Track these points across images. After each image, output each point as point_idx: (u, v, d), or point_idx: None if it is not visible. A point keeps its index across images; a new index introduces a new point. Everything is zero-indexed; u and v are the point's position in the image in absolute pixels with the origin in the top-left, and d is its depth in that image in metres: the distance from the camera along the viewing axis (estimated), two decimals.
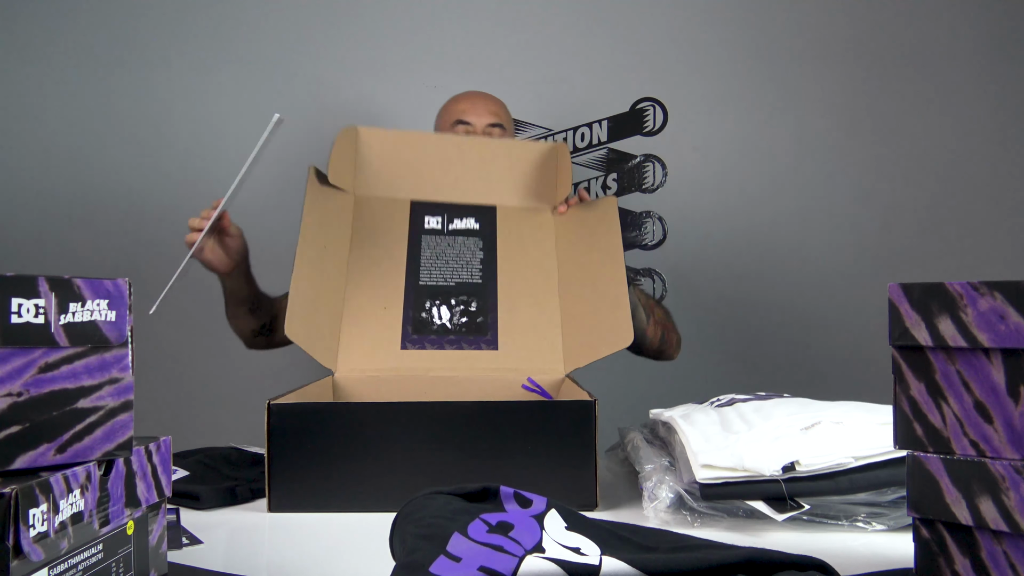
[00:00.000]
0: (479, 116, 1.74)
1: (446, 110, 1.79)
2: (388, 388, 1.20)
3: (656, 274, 2.24)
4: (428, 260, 1.31)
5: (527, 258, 1.33)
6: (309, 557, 0.82)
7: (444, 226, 1.37)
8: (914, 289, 0.64)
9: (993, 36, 2.21)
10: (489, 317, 1.25)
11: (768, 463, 0.87)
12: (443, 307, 1.27)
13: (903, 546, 0.73)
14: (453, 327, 1.24)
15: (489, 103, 1.78)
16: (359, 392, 1.21)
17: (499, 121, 1.75)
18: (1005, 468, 0.59)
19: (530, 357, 1.22)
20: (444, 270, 1.30)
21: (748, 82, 2.23)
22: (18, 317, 0.55)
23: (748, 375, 2.15)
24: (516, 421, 0.98)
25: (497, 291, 1.28)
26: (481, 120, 1.74)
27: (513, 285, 1.29)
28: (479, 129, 1.73)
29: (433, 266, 1.31)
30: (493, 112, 1.76)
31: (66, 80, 2.24)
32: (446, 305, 1.27)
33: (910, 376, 0.65)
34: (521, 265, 1.31)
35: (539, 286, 1.30)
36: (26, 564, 0.53)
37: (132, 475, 0.65)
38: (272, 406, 0.97)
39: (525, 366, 1.21)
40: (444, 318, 1.26)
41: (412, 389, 1.19)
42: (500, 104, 1.81)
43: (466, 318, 1.25)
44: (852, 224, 2.22)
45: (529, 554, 0.58)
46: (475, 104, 1.77)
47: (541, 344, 1.23)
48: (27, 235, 2.23)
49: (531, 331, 1.24)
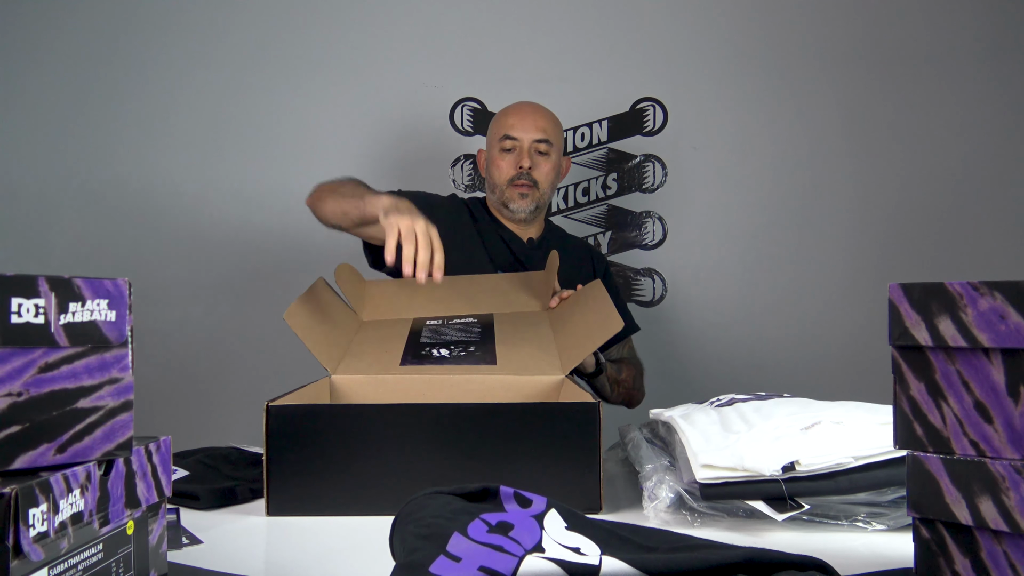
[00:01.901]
0: (526, 131, 1.73)
1: (496, 123, 1.79)
2: (387, 390, 1.19)
3: (656, 274, 2.24)
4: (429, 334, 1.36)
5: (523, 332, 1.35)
6: (309, 557, 0.82)
7: (444, 322, 1.41)
8: (914, 289, 0.64)
9: (993, 36, 2.21)
10: (487, 350, 1.27)
11: (768, 463, 0.87)
12: (443, 349, 1.28)
13: (903, 546, 0.73)
14: (452, 357, 1.25)
15: (539, 118, 1.76)
16: (357, 394, 1.20)
17: (547, 137, 1.74)
18: (1005, 468, 0.59)
19: (528, 367, 1.21)
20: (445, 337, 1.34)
21: (748, 82, 2.23)
22: (18, 317, 0.55)
23: (748, 375, 2.15)
24: (518, 423, 0.96)
25: (495, 344, 1.30)
26: (528, 136, 1.73)
27: (510, 340, 1.31)
28: (526, 145, 1.72)
29: (434, 335, 1.35)
30: (541, 128, 1.74)
31: (66, 78, 2.24)
32: (446, 348, 1.28)
33: (910, 376, 0.65)
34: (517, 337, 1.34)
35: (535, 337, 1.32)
36: (26, 564, 0.53)
37: (132, 475, 0.65)
38: (271, 407, 0.96)
39: (524, 372, 1.20)
40: (443, 353, 1.27)
41: (411, 392, 1.18)
42: (550, 119, 1.78)
43: (465, 353, 1.26)
44: (852, 224, 2.22)
45: (529, 554, 0.58)
46: (523, 119, 1.75)
47: (539, 359, 1.23)
48: (27, 234, 2.24)
49: (529, 356, 1.25)
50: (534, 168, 1.73)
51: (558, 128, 1.80)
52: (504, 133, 1.75)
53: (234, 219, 2.22)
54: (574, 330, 1.28)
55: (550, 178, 1.76)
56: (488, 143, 1.82)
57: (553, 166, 1.76)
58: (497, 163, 1.76)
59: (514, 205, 1.74)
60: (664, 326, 2.22)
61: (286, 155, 2.22)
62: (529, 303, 1.49)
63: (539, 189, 1.74)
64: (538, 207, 1.76)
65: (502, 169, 1.74)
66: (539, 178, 1.74)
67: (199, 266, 2.20)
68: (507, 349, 1.27)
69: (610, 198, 2.25)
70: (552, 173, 1.76)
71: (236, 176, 2.24)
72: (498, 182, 1.76)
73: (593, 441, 0.95)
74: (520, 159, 1.72)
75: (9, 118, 2.24)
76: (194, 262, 2.21)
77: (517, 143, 1.73)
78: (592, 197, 2.25)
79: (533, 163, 1.73)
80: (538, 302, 1.49)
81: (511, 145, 1.74)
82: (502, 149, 1.75)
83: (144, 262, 2.21)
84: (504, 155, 1.74)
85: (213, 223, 2.23)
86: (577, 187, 2.25)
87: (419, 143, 2.25)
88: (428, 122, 2.25)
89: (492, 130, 1.80)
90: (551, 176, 1.76)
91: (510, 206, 1.74)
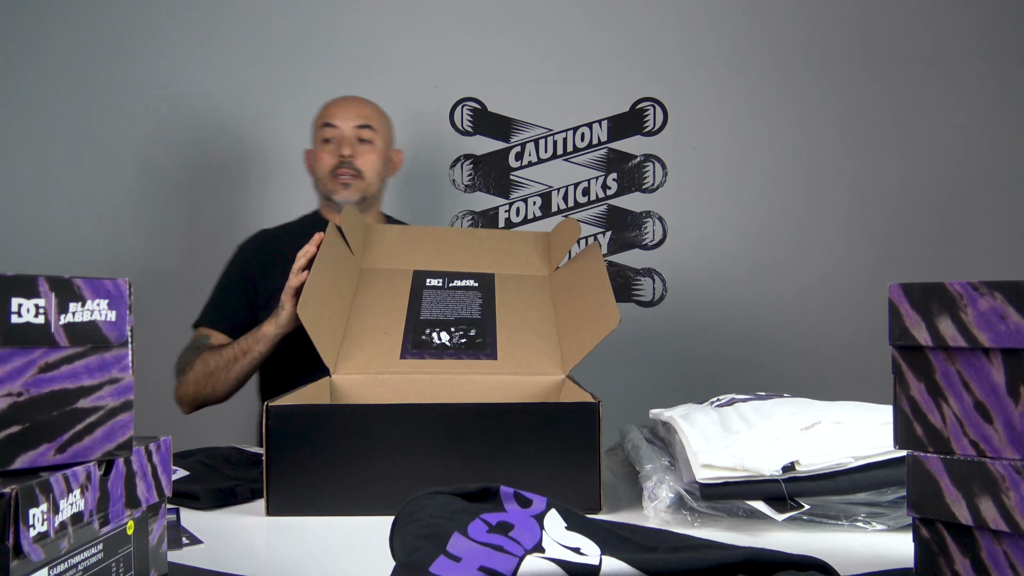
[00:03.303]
0: (346, 119, 1.66)
1: (316, 117, 1.72)
2: (387, 390, 1.19)
3: (656, 274, 2.24)
4: (428, 304, 1.33)
5: (524, 309, 1.34)
6: (309, 557, 0.82)
7: (444, 284, 1.39)
8: (914, 289, 0.64)
9: (994, 36, 2.21)
10: (488, 339, 1.26)
11: (768, 463, 0.87)
12: (443, 332, 1.27)
13: (903, 546, 0.73)
14: (452, 346, 1.24)
15: (359, 106, 1.69)
16: (357, 394, 1.20)
17: (368, 123, 1.67)
18: (1005, 468, 0.59)
19: (529, 364, 1.21)
20: (444, 310, 1.32)
21: (748, 82, 2.23)
22: (18, 317, 0.55)
23: (748, 375, 2.15)
24: (518, 423, 0.96)
25: (496, 324, 1.29)
26: (348, 123, 1.66)
27: (512, 321, 1.30)
28: (346, 132, 1.65)
29: (434, 307, 1.33)
30: (363, 115, 1.67)
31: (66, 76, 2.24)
32: (446, 331, 1.27)
33: (910, 376, 0.65)
34: (518, 308, 1.33)
35: (537, 320, 1.31)
36: (26, 564, 0.53)
37: (132, 475, 0.65)
38: (270, 408, 0.95)
39: (525, 371, 1.20)
40: (443, 339, 1.26)
41: (411, 391, 1.18)
42: (373, 107, 1.71)
43: (465, 339, 1.25)
44: (852, 224, 2.22)
45: (529, 554, 0.58)
46: (343, 107, 1.68)
47: (540, 356, 1.23)
48: (27, 234, 2.24)
49: (530, 347, 1.24)
50: (356, 156, 1.64)
51: (383, 118, 1.72)
52: (324, 122, 1.67)
53: (235, 219, 2.21)
54: (575, 320, 1.27)
55: (376, 167, 1.67)
56: (312, 141, 1.73)
57: (379, 155, 1.68)
58: (319, 155, 1.68)
59: (337, 196, 1.65)
60: (664, 326, 2.22)
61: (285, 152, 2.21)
62: (532, 263, 1.46)
63: (364, 179, 1.66)
64: (364, 198, 1.67)
65: (323, 160, 1.66)
66: (363, 167, 1.65)
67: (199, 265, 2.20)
68: (508, 336, 1.25)
69: (610, 198, 2.25)
70: (379, 163, 1.67)
71: (237, 176, 2.24)
72: (320, 174, 1.68)
73: (593, 441, 0.94)
74: (340, 147, 1.64)
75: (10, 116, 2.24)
76: (194, 261, 2.21)
77: (337, 131, 1.65)
78: (592, 197, 2.25)
79: (355, 151, 1.64)
80: (542, 263, 1.46)
81: (331, 134, 1.65)
82: (323, 140, 1.67)
83: (145, 262, 2.21)
84: (325, 146, 1.66)
85: (213, 222, 2.23)
86: (577, 187, 2.25)
87: (419, 143, 2.25)
88: (428, 122, 2.25)
89: (314, 124, 1.72)
90: (377, 166, 1.67)
91: (334, 198, 1.66)
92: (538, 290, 1.37)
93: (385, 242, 1.48)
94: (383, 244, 1.47)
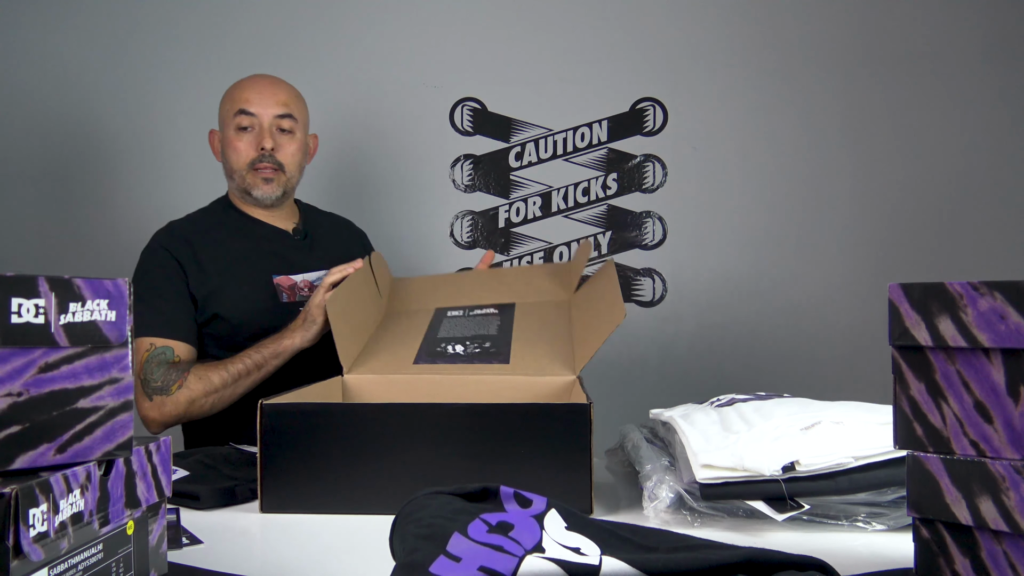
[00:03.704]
0: (265, 106, 1.52)
1: (228, 98, 1.56)
2: (398, 390, 1.20)
3: (656, 274, 2.24)
4: (447, 327, 1.36)
5: (542, 326, 1.36)
6: (309, 557, 0.82)
7: (465, 313, 1.41)
8: (914, 289, 0.64)
9: (994, 36, 2.21)
10: (502, 348, 1.27)
11: (768, 463, 0.87)
12: (458, 345, 1.28)
13: (903, 546, 0.73)
14: (466, 354, 1.25)
15: (279, 91, 1.55)
16: (368, 393, 1.21)
17: (289, 111, 1.54)
18: (1005, 468, 0.59)
19: (540, 368, 1.21)
20: (462, 331, 1.34)
21: (748, 82, 2.23)
22: (18, 317, 0.55)
23: (748, 375, 2.15)
24: (510, 424, 0.96)
25: (512, 337, 1.30)
26: (268, 111, 1.52)
27: (528, 336, 1.31)
28: (265, 122, 1.51)
29: (452, 329, 1.35)
30: (282, 102, 1.54)
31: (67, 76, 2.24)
32: (461, 344, 1.29)
33: (910, 376, 0.65)
34: (536, 326, 1.34)
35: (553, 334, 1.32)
36: (26, 564, 0.53)
37: (132, 475, 0.65)
38: (264, 406, 0.96)
39: (535, 373, 1.20)
40: (458, 350, 1.27)
41: (421, 392, 1.18)
42: (292, 92, 1.58)
43: (479, 349, 1.26)
44: (852, 224, 2.22)
45: (529, 554, 0.58)
46: (261, 92, 1.53)
47: (553, 361, 1.23)
48: (28, 234, 2.24)
49: (544, 355, 1.25)
50: (277, 149, 1.53)
51: (301, 102, 1.59)
52: (239, 107, 1.52)
53: None
54: (586, 322, 1.28)
55: (297, 159, 1.56)
56: (221, 121, 1.57)
57: (299, 146, 1.57)
58: (233, 144, 1.53)
59: (258, 192, 1.54)
60: (664, 326, 2.22)
61: None
62: (552, 291, 1.47)
63: (285, 173, 1.55)
64: (285, 193, 1.58)
65: (240, 151, 1.52)
66: (285, 160, 1.54)
67: None
68: (522, 346, 1.26)
69: (610, 198, 2.25)
70: (299, 154, 1.57)
71: None
72: (236, 166, 1.54)
73: (584, 443, 0.93)
74: (261, 139, 1.51)
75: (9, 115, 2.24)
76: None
77: (255, 120, 1.52)
78: (592, 197, 2.25)
79: (276, 143, 1.52)
80: (564, 291, 1.47)
81: (248, 123, 1.52)
82: (238, 128, 1.52)
83: None
84: (240, 134, 1.52)
85: None
86: (577, 187, 2.25)
87: (419, 143, 2.25)
88: (428, 122, 2.25)
89: (225, 107, 1.56)
90: (298, 157, 1.57)
91: (253, 193, 1.54)
92: (558, 313, 1.39)
93: (410, 289, 1.53)
94: (408, 290, 1.52)
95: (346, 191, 2.20)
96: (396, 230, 2.24)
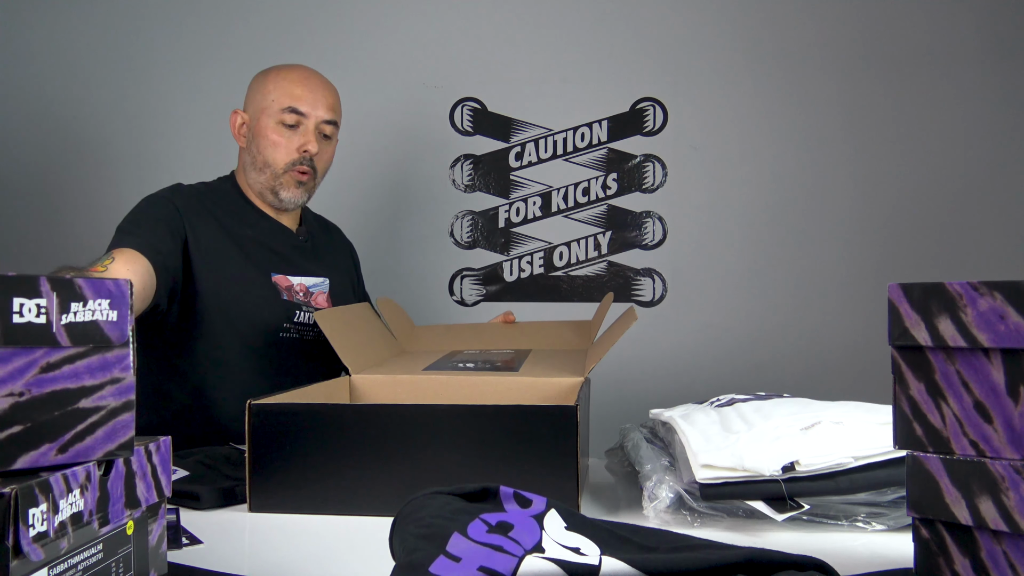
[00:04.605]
0: (316, 107, 1.47)
1: (276, 87, 1.48)
2: (404, 390, 1.20)
3: (656, 274, 2.24)
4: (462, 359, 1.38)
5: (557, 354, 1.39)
6: (309, 557, 0.82)
7: (480, 352, 1.43)
8: (914, 289, 0.64)
9: (993, 36, 2.21)
10: (514, 367, 1.27)
11: (768, 463, 0.87)
12: (469, 363, 1.29)
13: (903, 546, 0.73)
14: (477, 368, 1.26)
15: (328, 94, 1.51)
16: (375, 393, 1.21)
17: (333, 118, 1.51)
18: (1005, 468, 0.59)
19: (548, 374, 1.21)
20: (476, 359, 1.37)
21: (748, 82, 2.23)
22: (20, 317, 0.55)
23: (748, 375, 2.15)
24: (497, 425, 0.95)
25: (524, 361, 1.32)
26: (318, 113, 1.47)
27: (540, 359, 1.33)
28: (312, 124, 1.47)
29: (467, 359, 1.37)
30: (331, 107, 1.50)
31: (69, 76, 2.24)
32: (472, 363, 1.30)
33: (910, 376, 0.65)
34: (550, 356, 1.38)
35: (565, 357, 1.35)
36: (26, 564, 0.53)
37: (132, 475, 0.65)
38: (252, 406, 0.97)
39: (541, 376, 1.20)
40: (469, 366, 1.28)
41: (427, 392, 1.18)
42: (337, 96, 1.54)
43: (490, 366, 1.28)
44: (852, 224, 2.22)
45: (529, 554, 0.58)
46: (314, 92, 1.48)
47: (563, 369, 1.23)
48: (27, 233, 2.24)
49: (553, 368, 1.25)
50: (318, 154, 1.48)
51: (340, 108, 1.56)
52: (289, 104, 1.45)
53: None
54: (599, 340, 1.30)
55: (327, 166, 1.53)
56: (259, 108, 1.48)
57: (333, 152, 1.54)
58: (272, 139, 1.46)
59: (286, 194, 1.48)
60: (664, 326, 2.22)
61: None
62: (570, 340, 1.50)
63: (316, 179, 1.51)
64: (308, 197, 1.54)
65: (280, 148, 1.46)
66: (320, 167, 1.50)
67: None
68: (533, 364, 1.28)
69: (610, 198, 2.25)
70: (330, 162, 1.54)
71: None
72: (272, 162, 1.47)
73: (570, 445, 0.93)
74: (306, 141, 1.46)
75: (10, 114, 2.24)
76: None
77: (303, 120, 1.46)
78: (592, 197, 2.25)
79: (319, 148, 1.48)
80: (581, 340, 1.50)
81: (296, 120, 1.46)
82: (283, 123, 1.46)
83: None
84: (284, 131, 1.46)
85: None
86: (577, 187, 2.25)
87: (419, 143, 2.25)
88: (428, 122, 2.25)
89: (269, 95, 1.47)
90: (328, 165, 1.54)
91: (281, 194, 1.49)
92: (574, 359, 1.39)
93: (429, 334, 1.56)
94: (426, 335, 1.55)
95: (346, 191, 2.20)
96: (396, 230, 2.24)
